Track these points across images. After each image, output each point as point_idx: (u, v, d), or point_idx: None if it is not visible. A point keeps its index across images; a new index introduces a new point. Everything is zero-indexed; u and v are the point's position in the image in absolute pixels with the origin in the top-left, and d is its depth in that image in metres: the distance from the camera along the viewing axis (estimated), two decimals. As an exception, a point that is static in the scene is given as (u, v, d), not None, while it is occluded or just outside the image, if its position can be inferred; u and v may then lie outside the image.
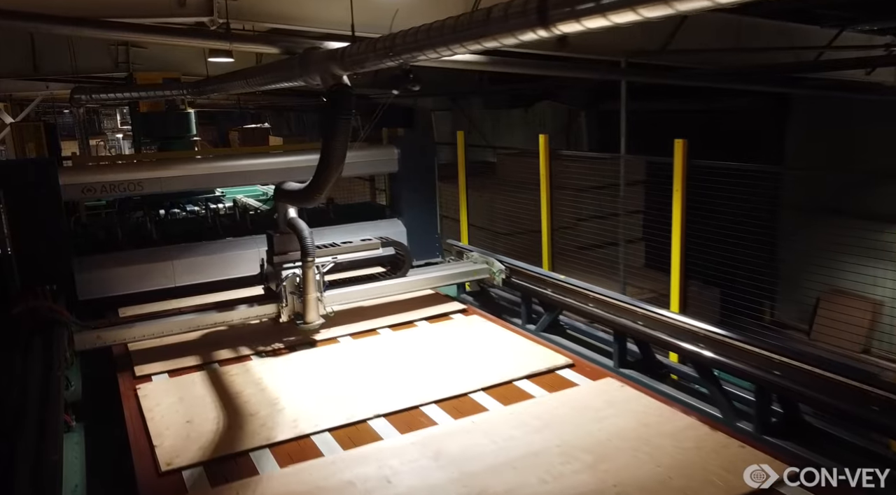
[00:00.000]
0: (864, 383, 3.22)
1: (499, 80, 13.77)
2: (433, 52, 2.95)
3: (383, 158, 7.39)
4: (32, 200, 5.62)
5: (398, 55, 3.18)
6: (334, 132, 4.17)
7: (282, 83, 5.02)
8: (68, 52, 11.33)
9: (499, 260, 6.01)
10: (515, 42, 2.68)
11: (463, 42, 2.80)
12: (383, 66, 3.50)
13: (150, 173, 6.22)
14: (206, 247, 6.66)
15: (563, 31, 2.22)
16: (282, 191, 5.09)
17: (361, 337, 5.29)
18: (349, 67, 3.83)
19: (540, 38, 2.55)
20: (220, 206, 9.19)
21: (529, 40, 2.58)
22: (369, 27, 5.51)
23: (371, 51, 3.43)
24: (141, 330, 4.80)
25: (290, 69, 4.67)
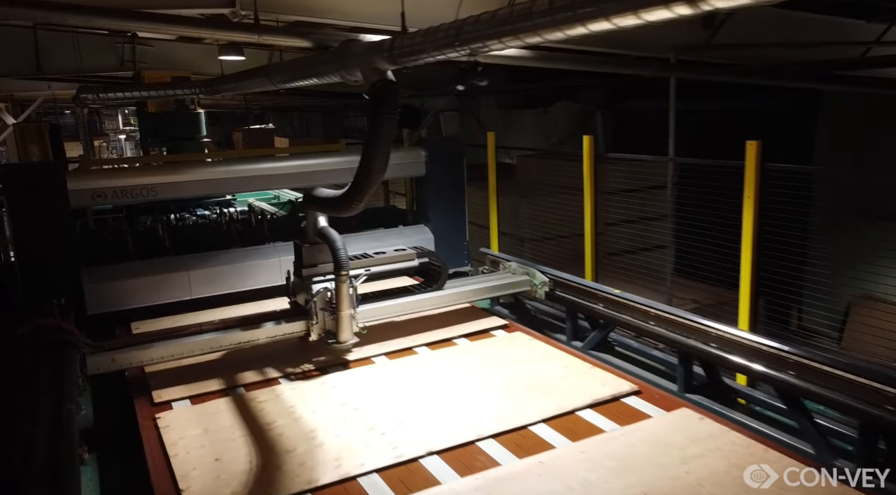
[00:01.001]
0: None
1: (515, 79, 13.33)
2: (510, 41, 2.52)
3: (410, 161, 6.97)
4: (38, 206, 5.20)
5: (465, 45, 2.75)
6: (377, 133, 3.74)
7: (311, 79, 4.59)
8: (73, 51, 10.94)
9: (540, 270, 5.58)
10: (610, 27, 2.26)
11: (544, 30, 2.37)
12: (441, 58, 3.07)
13: (165, 177, 5.79)
14: (224, 257, 6.24)
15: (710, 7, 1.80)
16: (312, 198, 4.65)
17: (397, 356, 4.86)
18: (398, 61, 3.40)
19: (644, 23, 2.14)
20: (231, 211, 8.75)
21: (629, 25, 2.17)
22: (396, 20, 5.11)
23: (430, 41, 3.00)
24: (159, 351, 4.36)
25: (324, 64, 4.24)
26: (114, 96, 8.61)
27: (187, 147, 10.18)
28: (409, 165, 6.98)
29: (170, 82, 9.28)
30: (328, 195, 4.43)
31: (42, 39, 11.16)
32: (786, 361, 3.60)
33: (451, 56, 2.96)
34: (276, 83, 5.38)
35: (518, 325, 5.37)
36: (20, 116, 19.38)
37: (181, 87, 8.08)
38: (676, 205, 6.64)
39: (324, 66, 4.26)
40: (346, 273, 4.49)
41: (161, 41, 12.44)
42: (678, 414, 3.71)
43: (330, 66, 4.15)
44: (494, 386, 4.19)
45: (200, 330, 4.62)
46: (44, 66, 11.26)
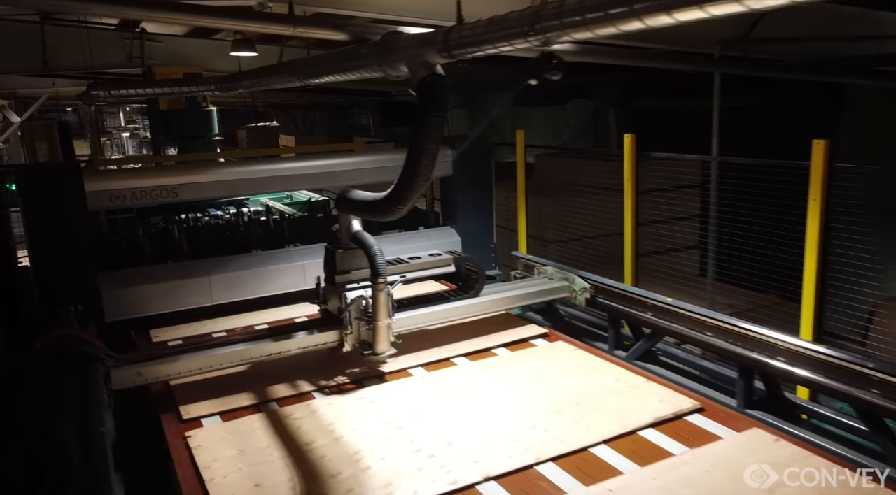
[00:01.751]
0: None
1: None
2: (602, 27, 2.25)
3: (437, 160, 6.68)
4: (55, 209, 4.94)
5: (542, 34, 2.48)
6: (426, 131, 3.47)
7: (343, 74, 4.32)
8: (81, 47, 10.68)
9: (580, 275, 5.31)
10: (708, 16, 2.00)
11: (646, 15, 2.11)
12: (505, 49, 2.80)
13: (186, 178, 5.53)
14: (246, 261, 5.98)
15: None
16: (347, 201, 4.39)
17: (435, 368, 4.60)
18: (453, 52, 3.13)
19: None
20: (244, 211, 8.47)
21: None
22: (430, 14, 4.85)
23: (497, 30, 2.73)
24: (187, 364, 4.10)
25: (363, 57, 3.96)
26: (126, 93, 8.34)
27: (199, 145, 9.92)
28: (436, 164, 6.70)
29: (182, 79, 9.01)
30: (366, 198, 4.16)
31: (49, 35, 10.92)
32: (869, 379, 3.34)
33: (520, 47, 2.69)
34: (303, 78, 5.11)
35: (558, 334, 5.11)
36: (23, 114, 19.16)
37: (196, 84, 7.81)
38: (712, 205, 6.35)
39: (362, 59, 3.98)
40: (384, 280, 4.23)
41: (170, 37, 12.19)
42: (750, 436, 3.45)
43: (369, 60, 3.88)
44: (544, 402, 3.93)
45: (229, 340, 4.36)
46: (51, 63, 11.02)
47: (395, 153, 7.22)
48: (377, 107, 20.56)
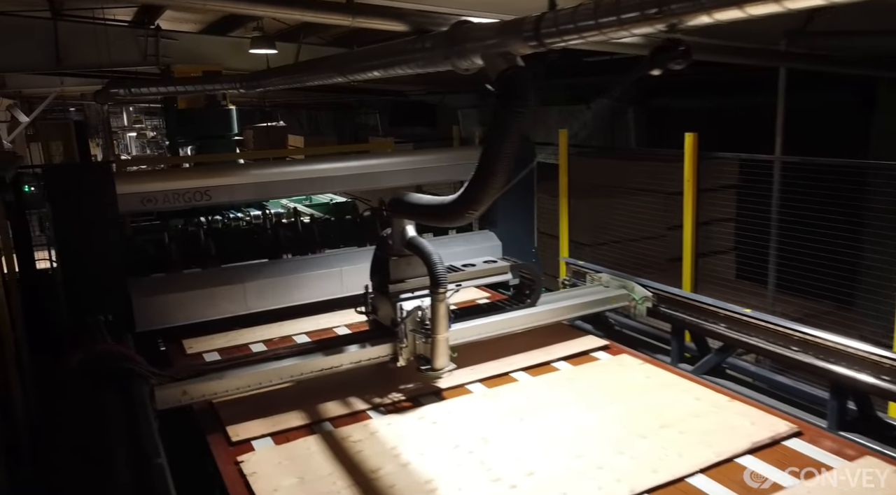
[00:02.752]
0: None
1: (557, 75, 12.75)
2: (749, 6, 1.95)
3: (474, 161, 6.38)
4: (85, 212, 4.64)
5: (673, 16, 2.17)
6: (504, 129, 3.17)
7: (401, 68, 4.02)
8: (94, 44, 10.40)
9: (640, 283, 5.00)
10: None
11: None
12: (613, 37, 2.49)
13: (220, 180, 5.23)
14: (281, 267, 5.69)
15: None
16: (403, 205, 4.08)
17: (495, 384, 4.29)
18: (544, 41, 2.82)
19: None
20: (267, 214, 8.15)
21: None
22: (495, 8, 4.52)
23: (609, 13, 2.42)
24: (234, 381, 3.79)
25: (428, 50, 3.66)
26: (147, 91, 8.03)
27: (218, 145, 9.63)
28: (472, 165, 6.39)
29: (203, 77, 8.71)
30: (429, 202, 3.84)
31: (62, 32, 10.65)
32: None
33: (637, 32, 2.39)
34: (348, 74, 4.81)
35: (619, 346, 4.80)
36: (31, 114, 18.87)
37: (219, 82, 7.51)
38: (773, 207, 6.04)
39: (426, 52, 3.68)
40: (444, 291, 3.93)
41: (185, 34, 11.90)
42: (864, 463, 3.14)
43: (435, 52, 3.58)
44: (624, 424, 3.62)
45: (277, 354, 4.05)
46: (63, 61, 10.74)
47: (441, 153, 6.89)
48: (385, 106, 20.31)
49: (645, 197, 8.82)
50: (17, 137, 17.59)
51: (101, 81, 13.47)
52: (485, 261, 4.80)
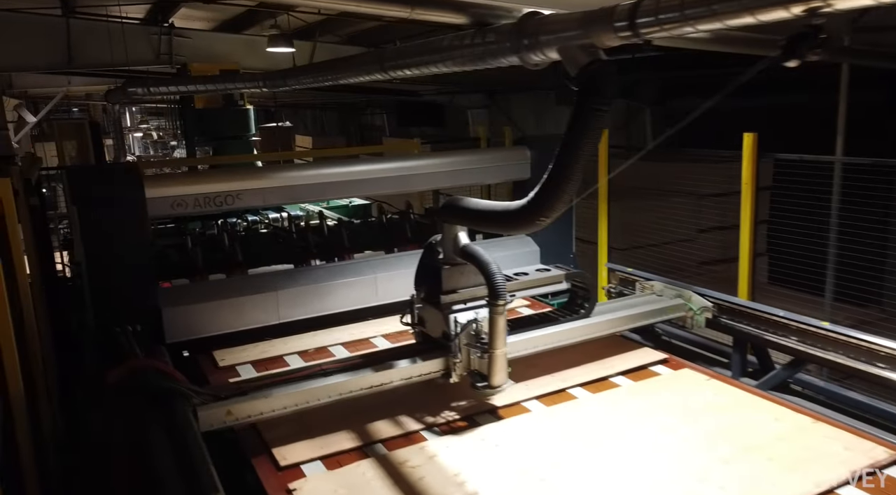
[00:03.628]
0: None
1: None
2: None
3: (514, 162, 6.13)
4: (115, 217, 4.38)
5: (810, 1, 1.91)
6: (583, 128, 2.90)
7: (456, 64, 3.76)
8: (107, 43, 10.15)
9: (697, 292, 4.74)
10: None
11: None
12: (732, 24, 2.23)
13: (252, 183, 4.95)
14: (313, 274, 5.42)
15: None
16: (457, 210, 3.81)
17: (554, 401, 4.02)
18: (640, 31, 2.56)
19: None
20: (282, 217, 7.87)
21: None
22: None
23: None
24: (281, 399, 3.52)
25: (488, 44, 3.40)
26: (166, 90, 7.77)
27: (234, 146, 9.35)
28: (512, 167, 6.14)
29: (221, 75, 8.45)
30: (489, 208, 3.57)
31: (73, 30, 10.40)
32: None
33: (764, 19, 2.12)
34: (390, 69, 4.55)
35: (679, 359, 4.53)
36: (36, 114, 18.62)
37: (241, 80, 7.23)
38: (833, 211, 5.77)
39: (488, 45, 3.42)
40: (503, 302, 3.66)
41: (199, 32, 11.65)
42: (982, 496, 2.87)
43: (500, 46, 3.31)
44: (704, 448, 3.35)
45: (323, 370, 3.78)
46: (75, 59, 10.49)
47: (482, 154, 6.59)
48: (393, 106, 20.07)
49: (676, 199, 8.59)
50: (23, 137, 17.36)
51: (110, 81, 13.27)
52: (537, 269, 4.54)
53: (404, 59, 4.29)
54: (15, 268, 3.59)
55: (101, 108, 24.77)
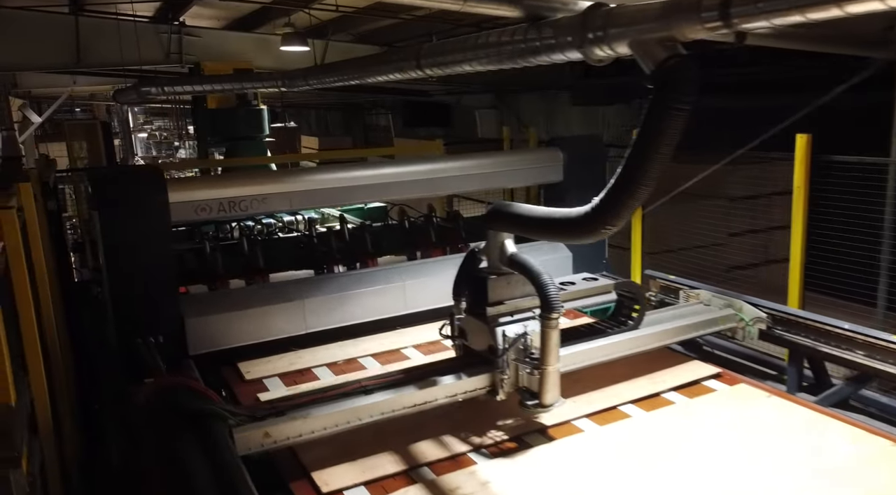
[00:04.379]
0: None
1: (595, 74, 12.25)
2: None
3: (546, 164, 5.89)
4: (138, 222, 4.14)
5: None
6: (659, 128, 2.66)
7: (509, 60, 3.53)
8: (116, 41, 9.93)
9: (748, 301, 4.49)
10: None
11: None
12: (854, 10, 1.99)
13: (280, 186, 4.71)
14: (340, 281, 5.18)
15: None
16: (506, 216, 3.57)
17: (605, 419, 3.78)
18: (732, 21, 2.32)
19: None
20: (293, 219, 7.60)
21: None
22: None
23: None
24: (321, 419, 3.28)
25: (546, 38, 3.17)
26: (181, 89, 7.54)
27: (247, 147, 9.12)
28: (544, 169, 5.89)
29: (236, 75, 8.22)
30: (545, 214, 3.32)
31: (82, 29, 10.19)
32: None
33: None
34: (427, 67, 4.32)
35: (732, 373, 4.29)
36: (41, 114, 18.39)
37: (258, 80, 7.00)
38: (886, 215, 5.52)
39: (545, 40, 3.19)
40: (557, 315, 3.42)
41: (210, 30, 11.44)
42: None
43: (560, 40, 3.08)
44: (780, 474, 3.11)
45: (363, 388, 3.53)
46: (83, 59, 10.27)
47: (525, 154, 6.30)
48: (399, 106, 19.87)
49: (706, 202, 8.35)
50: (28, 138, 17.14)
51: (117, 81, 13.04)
52: (584, 278, 4.30)
53: (444, 56, 4.07)
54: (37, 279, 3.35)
55: (104, 108, 24.59)
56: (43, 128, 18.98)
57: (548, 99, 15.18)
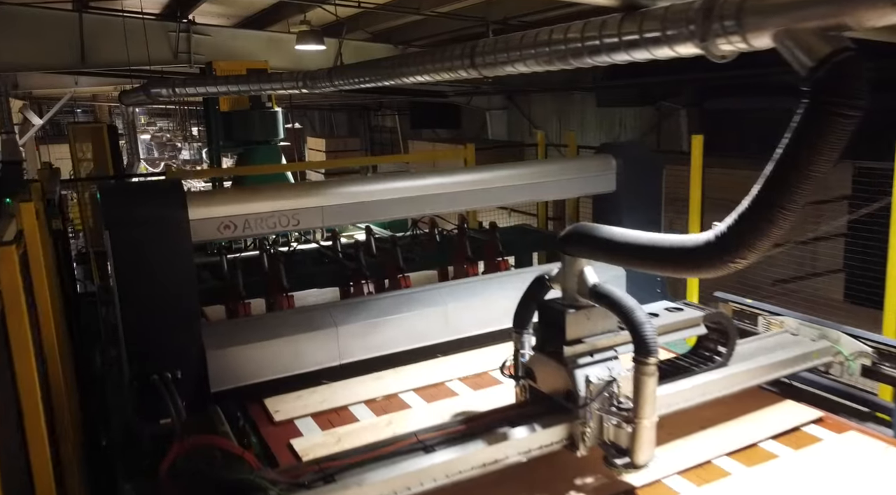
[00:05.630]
0: None
1: (617, 74, 11.73)
2: None
3: (596, 173, 5.36)
4: (154, 245, 3.60)
5: None
6: (814, 138, 2.13)
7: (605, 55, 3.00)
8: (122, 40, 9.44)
9: (846, 332, 3.95)
10: None
11: None
12: None
13: (314, 200, 4.18)
14: (375, 305, 4.67)
15: None
16: (596, 241, 3.01)
17: (702, 477, 3.23)
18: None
19: None
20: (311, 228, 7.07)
21: None
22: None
23: None
24: (377, 487, 2.72)
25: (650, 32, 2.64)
26: (193, 91, 7.01)
27: (261, 152, 8.60)
28: (595, 179, 5.36)
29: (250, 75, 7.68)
30: (651, 241, 2.75)
31: (87, 27, 9.70)
32: None
33: None
34: (484, 67, 3.80)
35: (835, 417, 3.74)
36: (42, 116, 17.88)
37: (277, 81, 6.46)
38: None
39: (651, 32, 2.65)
40: (655, 360, 2.88)
41: (219, 28, 10.92)
42: None
43: (676, 32, 2.55)
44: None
45: (422, 444, 2.99)
46: (88, 58, 9.77)
47: (573, 163, 5.71)
48: (406, 107, 19.42)
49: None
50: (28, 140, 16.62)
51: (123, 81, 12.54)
52: (666, 308, 3.76)
53: (505, 54, 3.53)
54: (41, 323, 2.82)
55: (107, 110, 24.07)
56: (44, 129, 18.46)
57: (561, 100, 14.71)
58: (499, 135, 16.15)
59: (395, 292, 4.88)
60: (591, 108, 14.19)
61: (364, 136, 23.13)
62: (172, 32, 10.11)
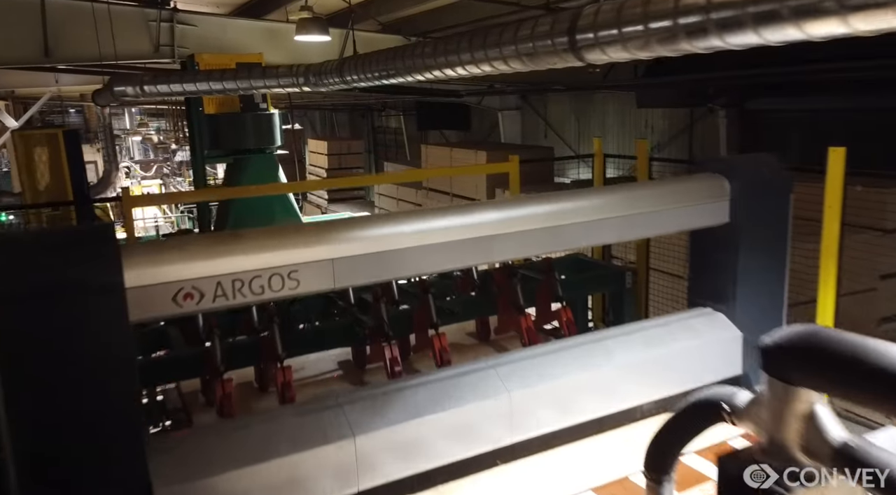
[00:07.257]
0: None
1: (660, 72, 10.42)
2: None
3: (702, 201, 3.90)
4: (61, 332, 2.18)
5: None
6: None
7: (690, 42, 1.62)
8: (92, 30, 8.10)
9: None
10: None
11: None
12: None
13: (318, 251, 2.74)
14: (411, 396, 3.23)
15: None
16: (842, 361, 1.61)
17: None
18: None
19: None
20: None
21: None
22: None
23: None
24: None
25: None
26: (166, 89, 5.58)
27: (255, 162, 7.18)
28: (700, 209, 3.90)
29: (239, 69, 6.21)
30: None
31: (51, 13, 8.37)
32: None
33: None
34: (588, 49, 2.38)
35: None
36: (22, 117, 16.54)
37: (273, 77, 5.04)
38: None
39: None
40: None
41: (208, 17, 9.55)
42: None
43: None
44: None
45: None
46: (53, 51, 8.40)
47: (677, 186, 4.05)
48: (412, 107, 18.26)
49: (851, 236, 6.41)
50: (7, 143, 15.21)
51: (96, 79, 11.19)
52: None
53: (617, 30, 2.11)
54: None
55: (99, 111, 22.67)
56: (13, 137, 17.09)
57: (580, 99, 13.49)
58: (512, 138, 15.04)
59: (431, 375, 3.40)
60: (613, 108, 13.03)
61: (367, 138, 22.03)
62: (153, 21, 8.76)
